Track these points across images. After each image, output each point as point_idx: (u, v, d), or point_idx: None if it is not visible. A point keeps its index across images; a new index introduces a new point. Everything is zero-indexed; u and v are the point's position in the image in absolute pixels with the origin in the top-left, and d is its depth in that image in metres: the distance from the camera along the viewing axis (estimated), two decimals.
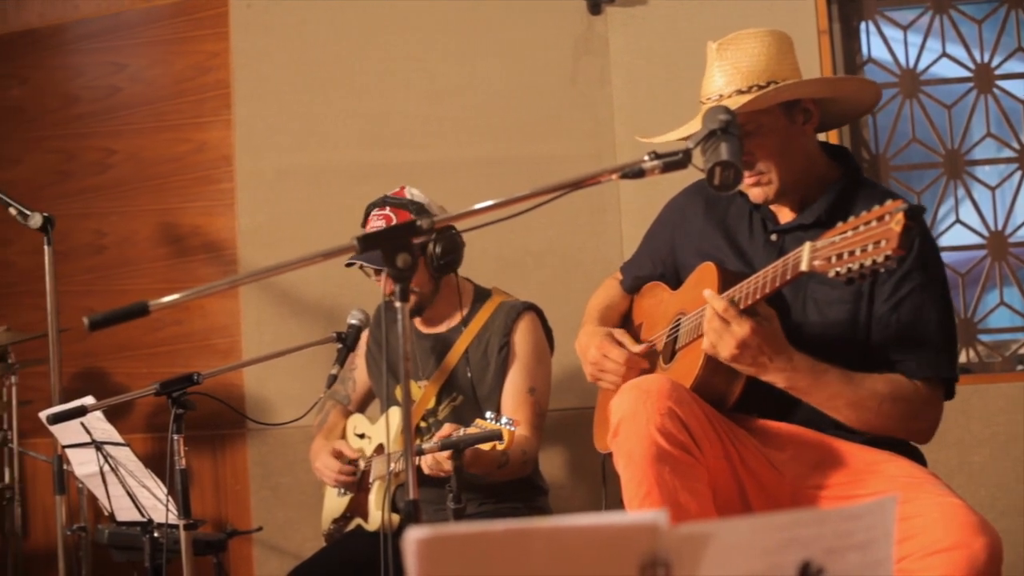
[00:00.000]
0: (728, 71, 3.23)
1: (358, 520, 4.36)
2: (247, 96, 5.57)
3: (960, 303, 5.16)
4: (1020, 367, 5.17)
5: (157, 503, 3.98)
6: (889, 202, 2.52)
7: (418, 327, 4.42)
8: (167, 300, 2.48)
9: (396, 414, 4.20)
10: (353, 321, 4.26)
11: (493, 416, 3.51)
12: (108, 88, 5.83)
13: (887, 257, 2.48)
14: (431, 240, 4.19)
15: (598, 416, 3.74)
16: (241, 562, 5.49)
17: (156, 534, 4.05)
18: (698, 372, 3.11)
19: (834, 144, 3.50)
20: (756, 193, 3.26)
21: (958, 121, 5.24)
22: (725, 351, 2.94)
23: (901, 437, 3.13)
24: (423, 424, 4.29)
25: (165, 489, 3.87)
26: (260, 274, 2.71)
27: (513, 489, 4.26)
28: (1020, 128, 5.23)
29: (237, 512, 5.53)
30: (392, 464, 4.03)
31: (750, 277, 2.98)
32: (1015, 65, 5.28)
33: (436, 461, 3.74)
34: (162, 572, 4.02)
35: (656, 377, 3.15)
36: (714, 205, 3.49)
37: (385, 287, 4.17)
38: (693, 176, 2.69)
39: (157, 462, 3.89)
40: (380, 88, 5.46)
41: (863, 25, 5.28)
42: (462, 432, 3.58)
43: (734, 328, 2.91)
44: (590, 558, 1.42)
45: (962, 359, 5.17)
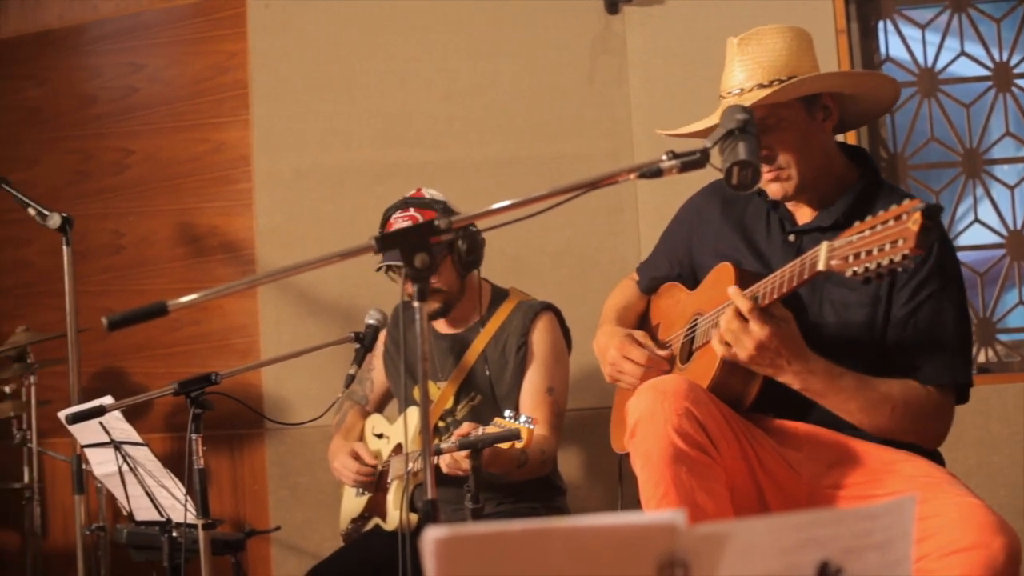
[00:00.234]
0: (749, 65, 3.23)
1: (376, 520, 4.36)
2: (265, 96, 5.58)
3: (979, 303, 5.15)
4: None
5: (175, 503, 3.98)
6: (906, 201, 2.52)
7: (436, 327, 4.43)
8: (185, 300, 2.48)
9: (414, 414, 4.20)
10: (371, 321, 4.26)
11: (512, 415, 3.51)
12: (126, 88, 5.84)
13: (904, 256, 2.48)
14: (458, 238, 4.19)
15: (615, 416, 3.73)
16: (259, 562, 5.50)
17: (175, 534, 4.06)
18: (715, 372, 3.11)
19: (852, 145, 3.48)
20: (775, 189, 3.25)
21: (976, 120, 5.23)
22: (743, 352, 2.94)
23: (911, 441, 3.12)
24: (441, 424, 4.29)
25: (183, 489, 3.88)
26: (278, 274, 2.72)
27: (531, 489, 4.26)
28: None
29: (255, 512, 5.54)
30: (410, 464, 4.03)
31: (767, 277, 2.97)
32: None
33: (454, 460, 3.75)
34: (181, 572, 4.03)
35: (673, 378, 3.14)
36: (731, 205, 3.48)
37: (411, 287, 4.16)
38: (711, 175, 2.69)
39: (175, 462, 3.91)
40: (398, 88, 5.46)
41: (881, 24, 5.27)
42: (480, 431, 3.58)
43: (752, 328, 2.90)
44: (608, 558, 1.41)
45: (981, 359, 5.16)
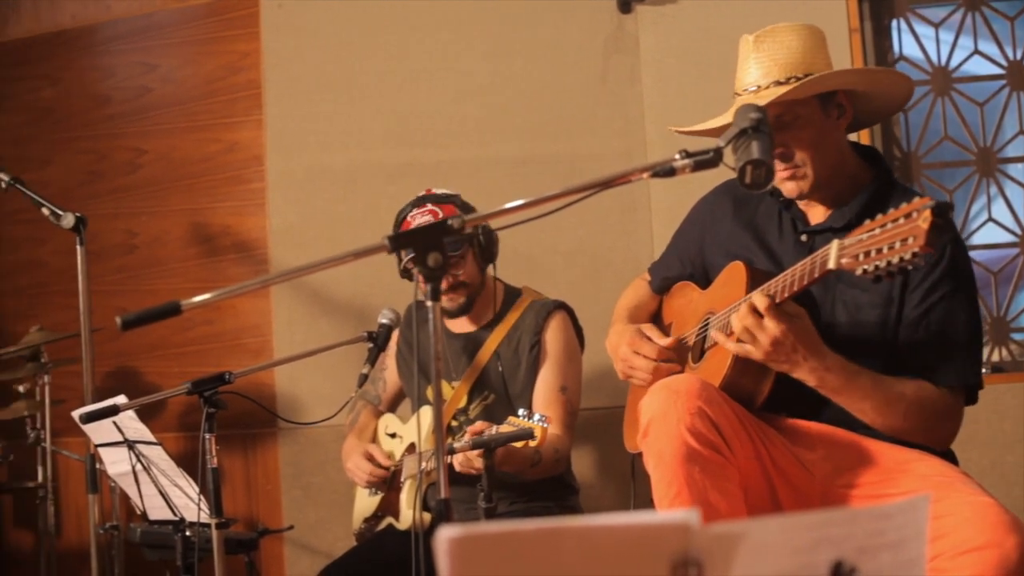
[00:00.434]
0: (765, 63, 3.22)
1: (389, 519, 4.36)
2: (278, 96, 5.59)
3: (992, 302, 5.14)
4: None
5: (189, 502, 3.99)
6: (916, 199, 2.52)
7: (448, 327, 4.43)
8: (199, 299, 2.48)
9: (427, 413, 4.20)
10: (384, 320, 4.26)
11: (526, 413, 3.50)
12: (139, 88, 5.85)
13: (915, 254, 2.47)
14: (478, 231, 4.20)
15: (628, 416, 3.73)
16: (272, 561, 5.51)
17: (188, 533, 4.06)
18: (727, 371, 3.10)
19: (865, 145, 3.48)
20: (790, 187, 3.25)
21: (990, 119, 5.21)
22: (758, 350, 2.93)
23: (921, 442, 3.11)
24: (454, 423, 4.29)
25: (197, 488, 3.88)
26: (291, 274, 2.72)
27: (545, 488, 4.25)
28: None
29: (268, 511, 5.55)
30: (423, 463, 4.03)
31: (779, 275, 2.97)
32: None
33: (467, 459, 3.74)
34: (194, 571, 4.03)
35: (686, 377, 3.14)
36: (743, 205, 3.48)
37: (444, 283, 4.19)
38: (724, 174, 2.68)
39: (189, 461, 3.92)
40: (411, 87, 5.46)
41: (894, 23, 5.26)
42: (494, 430, 3.58)
43: (767, 325, 2.90)
44: (621, 557, 1.41)
45: (995, 358, 5.15)
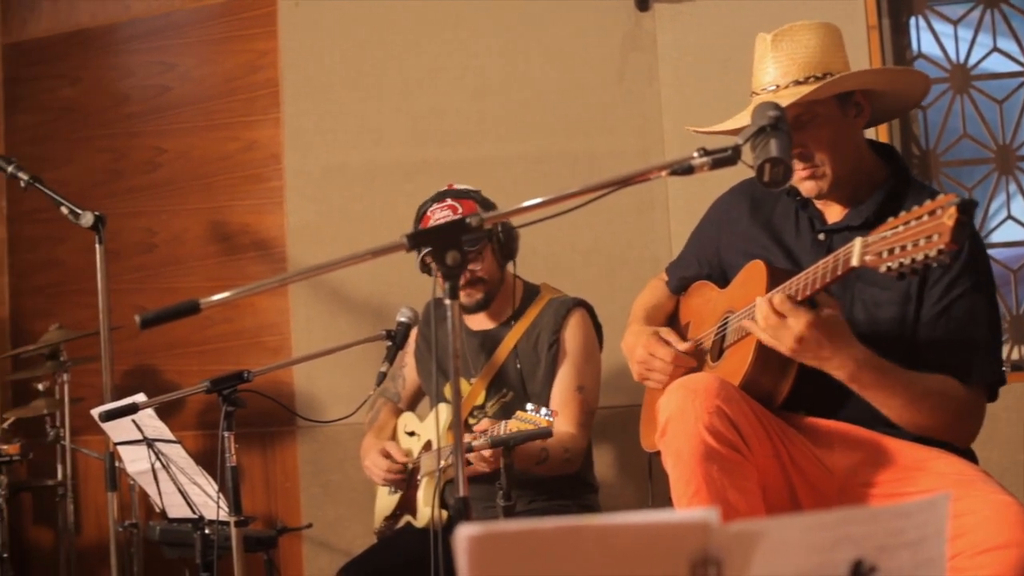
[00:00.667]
0: (783, 62, 3.22)
1: (407, 517, 4.36)
2: (296, 94, 5.60)
3: (1012, 299, 5.12)
4: None
5: (208, 500, 4.00)
6: (941, 196, 2.51)
7: (468, 324, 4.43)
8: (218, 298, 2.49)
9: (445, 411, 4.20)
10: (402, 319, 4.26)
11: (534, 407, 3.50)
12: (158, 87, 5.87)
13: (940, 251, 2.46)
14: (497, 227, 4.20)
15: (645, 415, 3.73)
16: (291, 559, 5.52)
17: (207, 531, 4.07)
18: (746, 370, 3.10)
19: (881, 142, 3.47)
20: (809, 187, 3.24)
21: (1009, 116, 5.20)
22: (783, 346, 2.92)
23: (944, 439, 3.10)
24: (472, 420, 4.29)
25: (216, 486, 3.89)
26: (309, 272, 2.71)
27: (564, 486, 4.26)
28: None
29: (287, 509, 5.56)
30: (441, 461, 4.03)
31: (799, 274, 2.96)
32: None
33: (477, 455, 3.74)
34: (213, 568, 4.04)
35: (704, 375, 3.13)
36: (760, 205, 3.47)
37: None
38: (742, 172, 2.68)
39: (208, 459, 3.92)
40: (429, 85, 5.47)
41: (913, 20, 5.25)
42: (501, 426, 3.58)
43: (791, 323, 2.88)
44: (641, 556, 1.41)
45: (1014, 356, 5.13)
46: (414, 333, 4.51)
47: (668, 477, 3.03)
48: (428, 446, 4.34)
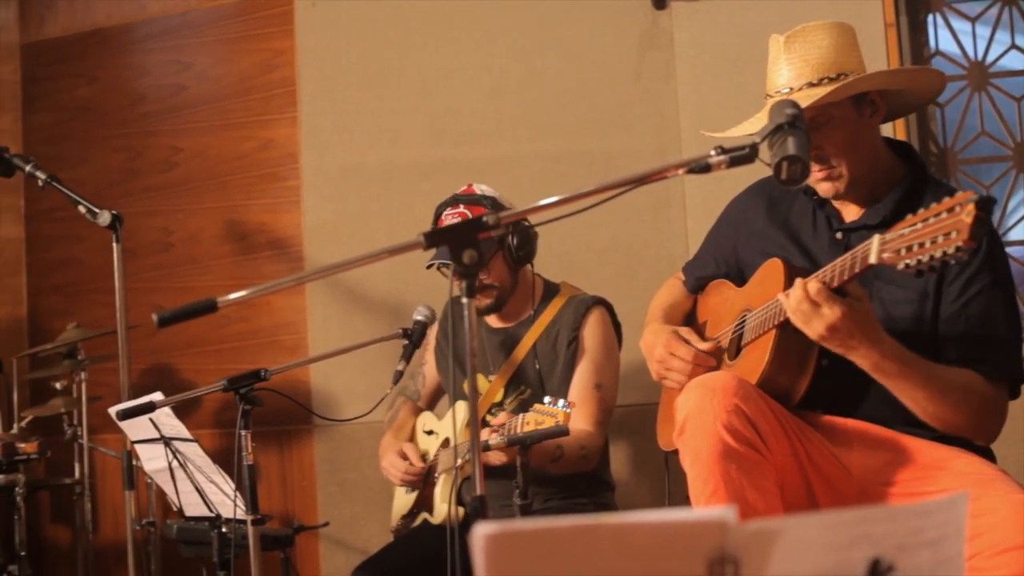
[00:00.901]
0: (797, 64, 3.21)
1: (424, 514, 4.36)
2: (313, 94, 5.60)
3: None
4: None
5: (225, 498, 4.00)
6: (959, 193, 2.50)
7: (488, 322, 4.44)
8: (235, 297, 2.49)
9: (463, 408, 4.20)
10: (419, 317, 4.26)
11: (551, 400, 3.50)
12: (174, 87, 5.88)
13: (958, 249, 2.45)
14: (509, 233, 4.20)
15: (662, 413, 3.72)
16: (308, 557, 5.52)
17: (224, 529, 4.08)
18: (764, 369, 3.09)
19: (898, 140, 3.46)
20: (826, 188, 3.23)
21: None
22: (813, 333, 2.90)
23: (968, 436, 3.09)
24: (489, 417, 4.29)
25: (233, 484, 3.90)
26: (326, 271, 2.71)
27: (581, 484, 4.25)
28: None
29: (304, 508, 5.56)
30: (458, 459, 4.03)
31: (818, 271, 2.95)
32: None
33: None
34: (230, 567, 4.05)
35: (722, 374, 3.13)
36: (777, 204, 3.47)
37: None
38: (759, 170, 2.67)
39: (225, 458, 3.92)
40: (445, 84, 5.47)
41: (930, 18, 5.23)
42: (518, 420, 3.58)
43: (824, 311, 2.86)
44: (658, 554, 1.41)
45: None
46: (434, 331, 4.52)
47: (685, 476, 3.03)
48: (446, 444, 4.34)
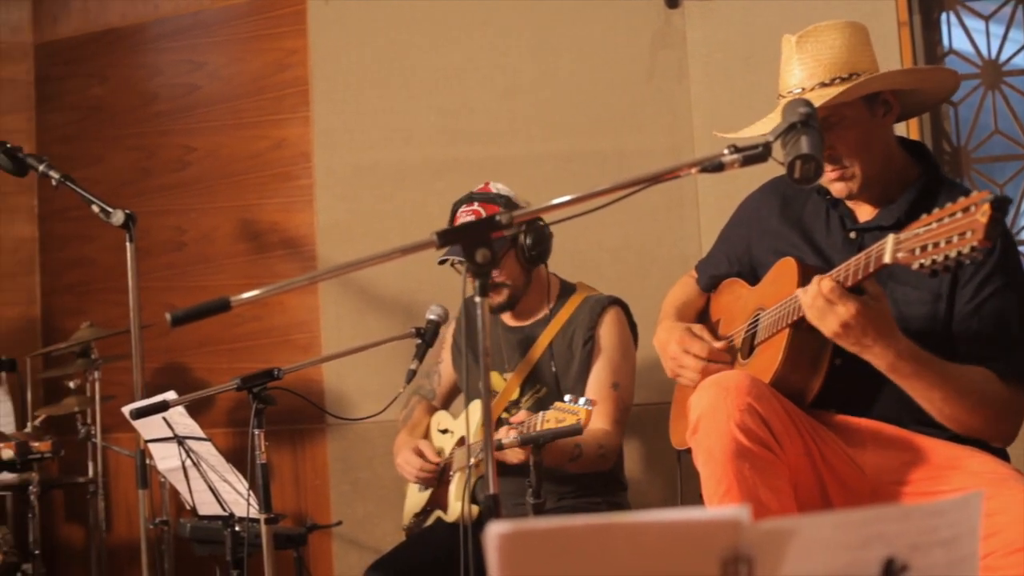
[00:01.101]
0: (809, 64, 3.20)
1: (438, 512, 4.37)
2: (325, 93, 5.61)
3: None
4: None
5: (238, 497, 4.01)
6: (974, 193, 2.49)
7: (505, 320, 4.45)
8: (248, 296, 2.49)
9: (478, 406, 4.21)
10: (432, 316, 4.27)
11: (572, 398, 3.50)
12: (187, 86, 5.89)
13: (973, 248, 2.45)
14: (521, 232, 4.20)
15: (675, 412, 3.72)
16: (321, 556, 5.53)
17: (237, 528, 4.09)
18: (777, 367, 3.09)
19: (912, 140, 3.45)
20: (839, 188, 3.23)
21: None
22: (827, 330, 2.89)
23: (985, 437, 3.08)
24: (505, 415, 4.29)
25: (246, 483, 3.90)
26: (339, 270, 2.71)
27: (595, 483, 4.26)
28: None
29: (317, 507, 5.57)
30: (471, 458, 4.03)
31: (832, 270, 2.95)
32: None
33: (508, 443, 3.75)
34: (243, 566, 4.06)
35: (735, 373, 3.13)
36: (790, 203, 3.46)
37: None
38: (773, 169, 2.67)
39: (238, 457, 3.93)
40: (458, 84, 5.47)
41: (944, 16, 5.22)
42: (539, 417, 3.58)
43: (839, 309, 2.85)
44: (671, 554, 1.41)
45: None
46: (451, 329, 4.53)
47: (698, 475, 3.02)
48: (462, 442, 4.35)
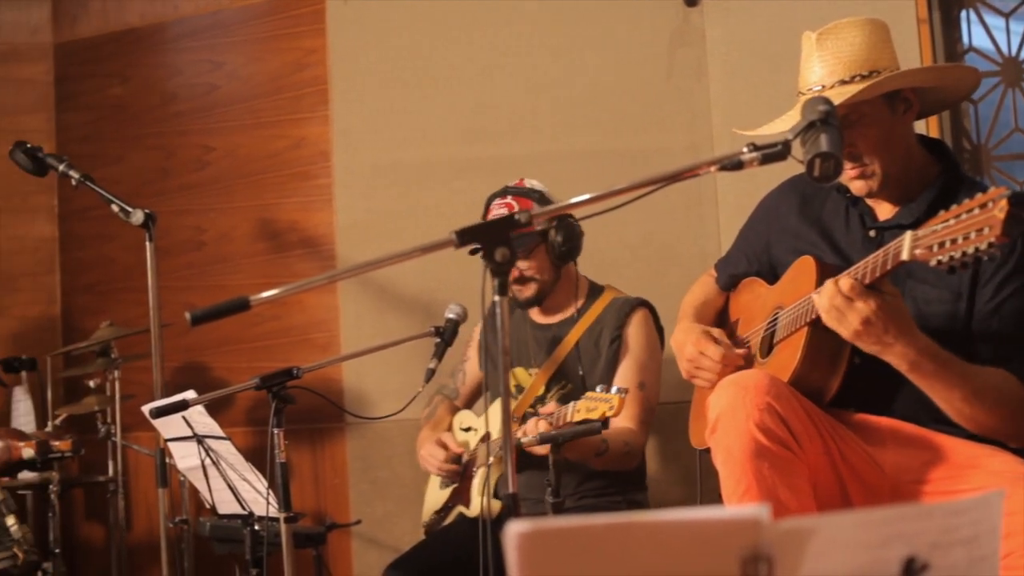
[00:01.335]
0: (829, 61, 3.19)
1: (459, 508, 4.38)
2: (344, 92, 5.61)
3: None
4: None
5: (258, 496, 4.01)
6: (992, 189, 2.49)
7: (534, 318, 4.49)
8: (267, 295, 2.50)
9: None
10: (451, 315, 4.27)
11: (604, 387, 3.52)
12: (206, 86, 5.90)
13: (990, 244, 2.44)
14: (552, 228, 4.22)
15: (694, 411, 3.72)
16: (340, 555, 5.53)
17: (257, 527, 4.09)
18: (796, 366, 3.08)
19: (932, 137, 3.44)
20: (859, 186, 3.22)
21: None
22: (847, 329, 2.88)
23: (1002, 438, 3.06)
24: (530, 410, 4.30)
25: (265, 482, 3.90)
26: (358, 269, 2.72)
27: (616, 482, 4.27)
28: None
29: (336, 505, 5.58)
30: (490, 457, 4.04)
31: (849, 268, 2.94)
32: None
33: (536, 433, 3.76)
34: (263, 564, 4.06)
35: (754, 372, 3.12)
36: (809, 202, 3.45)
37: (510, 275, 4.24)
38: (792, 167, 2.66)
39: (257, 455, 3.93)
40: (477, 82, 5.47)
41: (963, 13, 5.20)
42: (569, 408, 3.59)
43: (858, 305, 2.83)
44: (691, 553, 1.41)
45: None
46: (479, 328, 4.54)
47: (717, 474, 3.02)
48: (486, 438, 4.36)
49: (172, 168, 5.94)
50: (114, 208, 4.53)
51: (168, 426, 3.98)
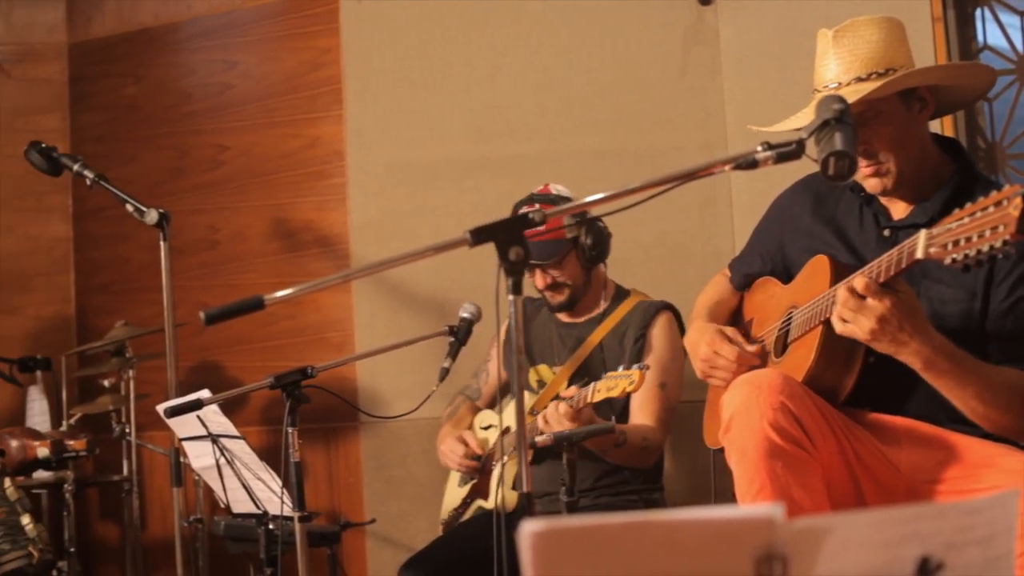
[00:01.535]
0: (845, 58, 3.19)
1: (478, 502, 4.39)
2: (358, 91, 5.61)
3: None
4: None
5: (272, 495, 4.01)
6: (1007, 187, 2.48)
7: (560, 317, 4.52)
8: (281, 294, 2.50)
9: (526, 398, 4.22)
10: (465, 315, 4.27)
11: (625, 364, 3.54)
12: (220, 85, 5.91)
13: (1005, 242, 2.43)
14: (581, 232, 4.24)
15: (708, 411, 3.71)
16: (354, 554, 5.54)
17: (271, 526, 4.10)
18: (810, 365, 3.08)
19: (946, 136, 3.43)
20: (873, 184, 3.21)
21: None
22: (862, 329, 2.86)
23: (1016, 437, 3.05)
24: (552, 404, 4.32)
25: (280, 481, 3.91)
26: (372, 268, 2.73)
27: (632, 481, 4.29)
28: None
29: (350, 504, 5.58)
30: (504, 457, 4.04)
31: (864, 267, 2.93)
32: None
33: (557, 415, 3.77)
34: (277, 563, 4.07)
35: (768, 371, 3.12)
36: (823, 201, 3.45)
37: (538, 281, 4.28)
38: (806, 166, 2.66)
39: (272, 455, 3.94)
40: (491, 82, 5.47)
41: (978, 11, 5.19)
42: (590, 388, 3.62)
43: (872, 303, 2.82)
44: (706, 552, 1.41)
45: None
46: (504, 327, 4.56)
47: (732, 474, 3.02)
48: (505, 432, 4.36)
49: (186, 168, 5.95)
50: (128, 208, 4.53)
51: (183, 425, 3.99)
